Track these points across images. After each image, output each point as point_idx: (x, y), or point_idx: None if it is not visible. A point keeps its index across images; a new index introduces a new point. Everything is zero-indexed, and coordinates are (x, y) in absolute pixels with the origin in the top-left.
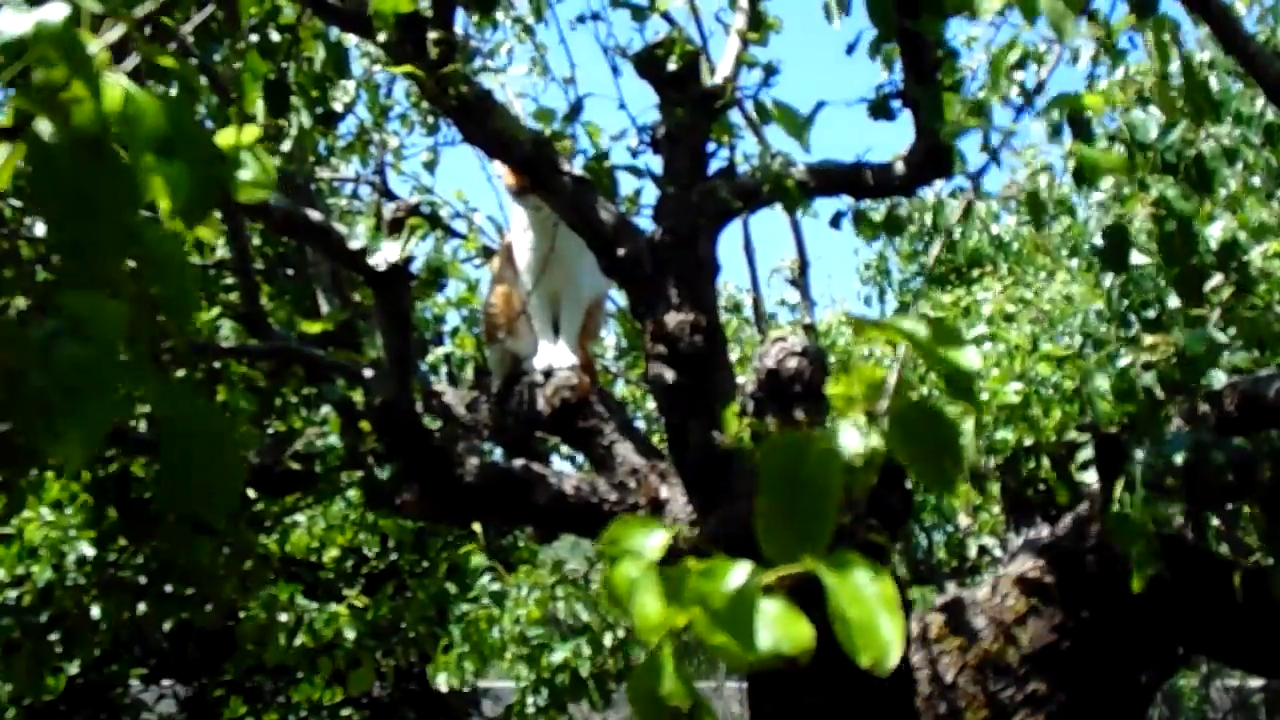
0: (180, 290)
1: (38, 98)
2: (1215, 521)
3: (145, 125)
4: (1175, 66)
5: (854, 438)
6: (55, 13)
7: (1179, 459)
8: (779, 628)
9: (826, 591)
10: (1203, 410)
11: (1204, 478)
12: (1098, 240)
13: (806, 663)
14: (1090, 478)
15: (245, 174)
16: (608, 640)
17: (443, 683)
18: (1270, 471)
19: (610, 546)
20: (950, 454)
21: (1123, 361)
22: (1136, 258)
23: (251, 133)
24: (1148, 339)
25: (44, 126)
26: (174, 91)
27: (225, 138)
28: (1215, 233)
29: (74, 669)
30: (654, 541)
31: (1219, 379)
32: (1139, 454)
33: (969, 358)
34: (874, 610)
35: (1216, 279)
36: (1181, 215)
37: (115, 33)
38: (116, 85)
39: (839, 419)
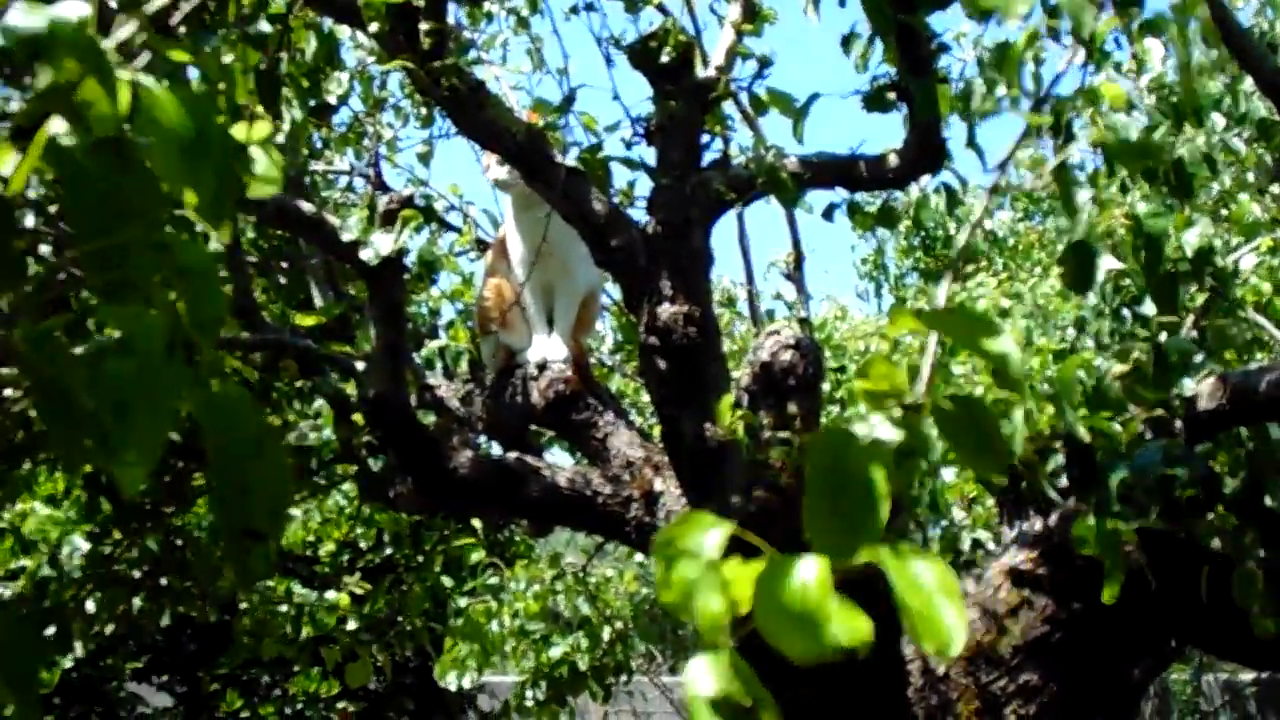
0: (210, 301)
1: (52, 98)
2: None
3: (167, 124)
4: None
5: (889, 431)
6: (72, 10)
7: (1150, 474)
8: (840, 622)
9: (888, 581)
10: (1168, 419)
11: (1171, 492)
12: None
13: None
14: (1061, 483)
15: (256, 169)
16: (606, 634)
17: (452, 682)
18: (1243, 478)
19: (666, 548)
20: (993, 444)
21: (1099, 362)
22: (1114, 264)
23: (263, 129)
24: (1123, 349)
25: (59, 126)
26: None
27: (238, 132)
28: (1191, 239)
29: (68, 663)
30: (712, 540)
31: (1189, 387)
32: (1113, 467)
33: (1009, 346)
34: (934, 598)
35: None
36: (1150, 234)
37: (127, 29)
38: (136, 84)
39: (872, 412)
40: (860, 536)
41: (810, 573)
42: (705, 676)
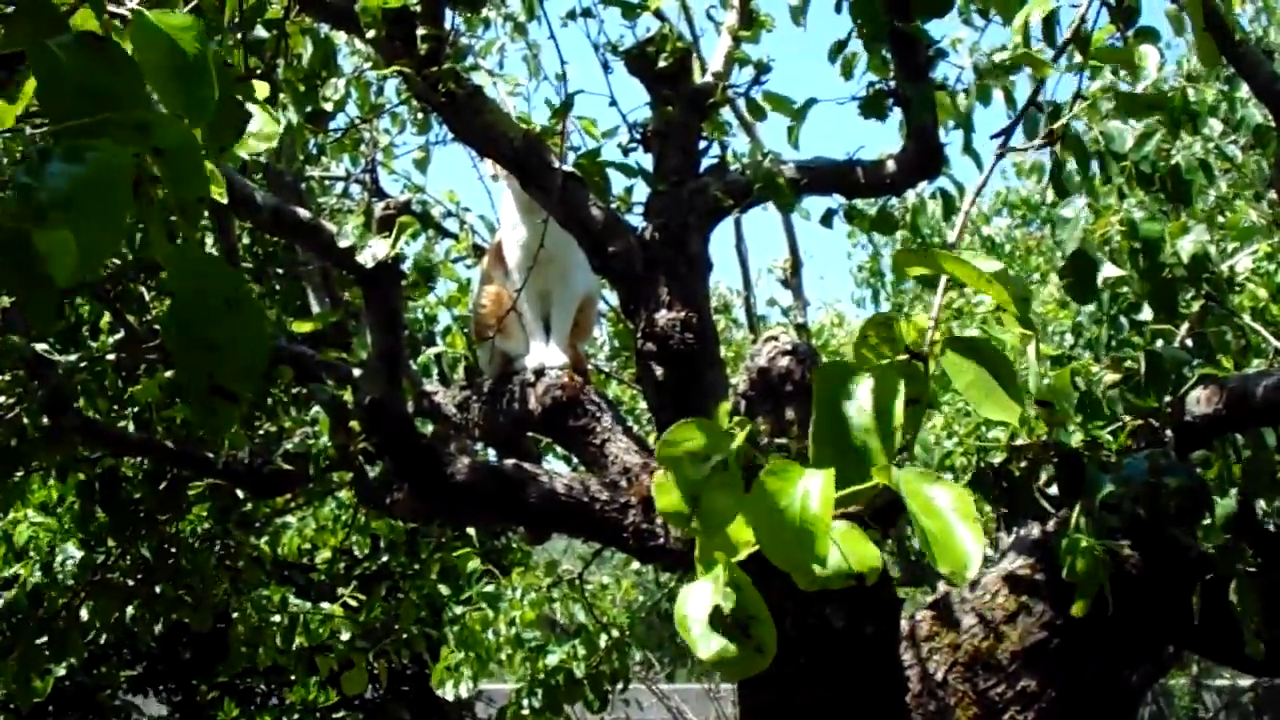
0: (193, 180)
1: (31, 11)
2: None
3: (163, 46)
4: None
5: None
6: None
7: (1136, 482)
8: (847, 546)
9: (903, 503)
10: (1159, 428)
11: (1158, 502)
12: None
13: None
14: (1052, 492)
15: (253, 125)
16: (603, 642)
17: (449, 692)
18: (1236, 494)
19: (669, 448)
20: (1007, 387)
21: (1097, 369)
22: (1113, 271)
23: (262, 88)
24: (1114, 357)
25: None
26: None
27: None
28: (1187, 245)
29: (61, 671)
30: (724, 440)
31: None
32: (1101, 477)
33: (1022, 285)
34: (950, 521)
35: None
36: (1146, 239)
37: None
38: (130, 9)
39: (881, 360)
40: (871, 459)
41: (815, 485)
42: (699, 598)
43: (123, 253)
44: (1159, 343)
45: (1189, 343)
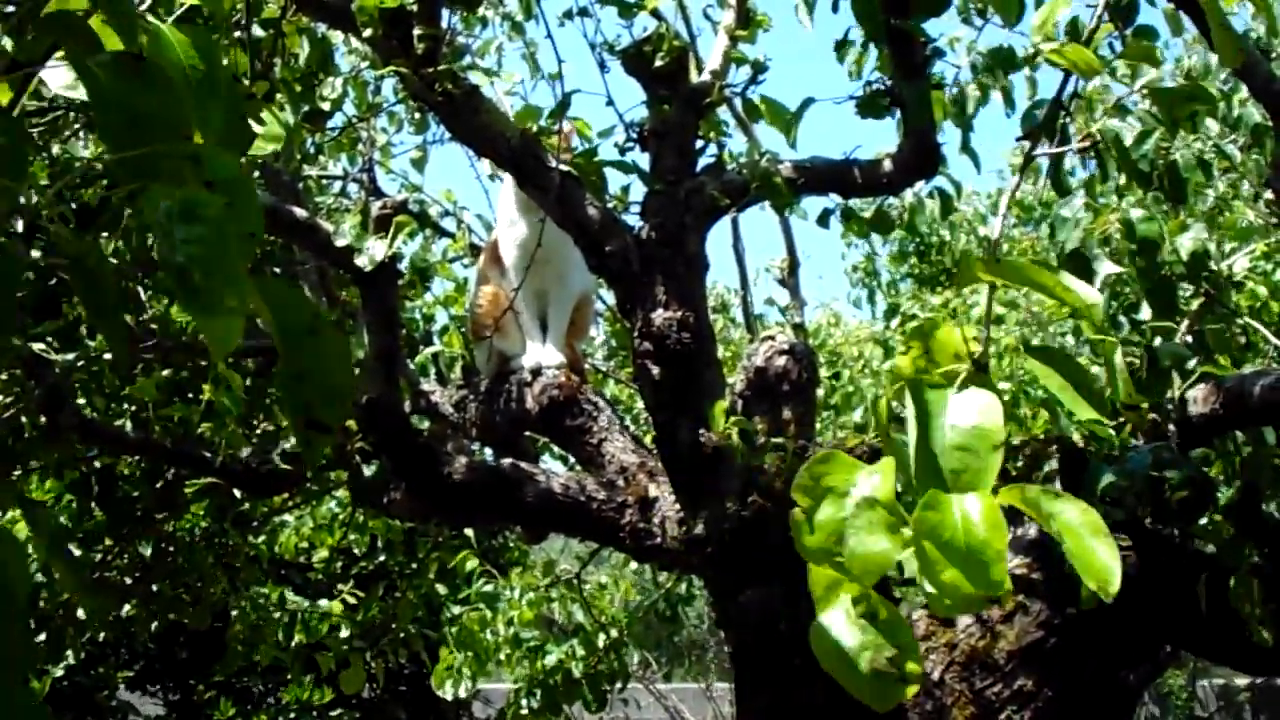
0: (248, 213)
1: (54, 24)
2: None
3: (177, 62)
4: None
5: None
6: None
7: (1139, 475)
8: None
9: (1045, 524)
10: (1161, 422)
11: (1162, 495)
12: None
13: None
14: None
15: (260, 127)
16: (601, 641)
17: (448, 692)
18: (1238, 485)
19: (810, 486)
20: (1087, 384)
21: (1096, 370)
22: (1111, 268)
23: (261, 88)
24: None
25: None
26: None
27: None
28: (1186, 243)
29: (59, 671)
30: (872, 480)
31: (1189, 393)
32: (1103, 470)
33: (1092, 294)
34: (1088, 539)
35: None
36: (1144, 238)
37: None
38: (145, 22)
39: (946, 374)
40: (976, 479)
41: (974, 506)
42: (843, 628)
43: (121, 253)
44: (1157, 340)
45: (1189, 340)
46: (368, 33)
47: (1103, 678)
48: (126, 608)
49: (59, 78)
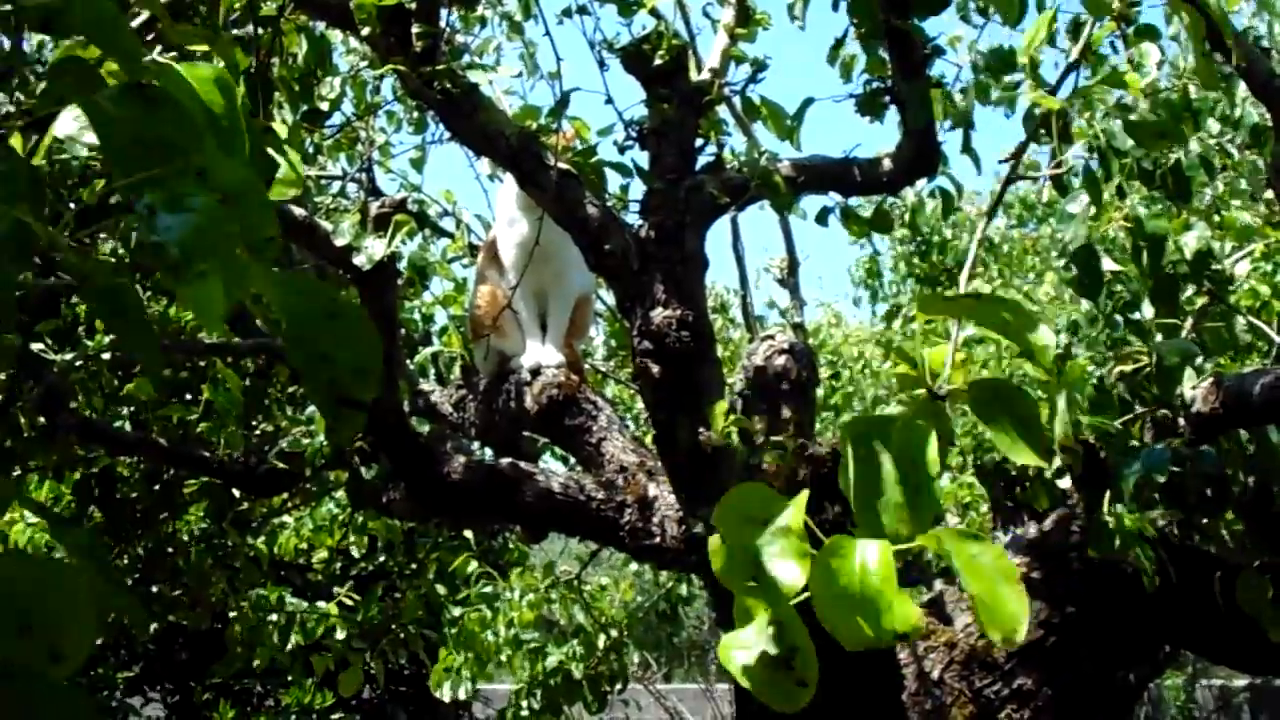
0: (260, 220)
1: (66, 74)
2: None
3: (198, 106)
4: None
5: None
6: None
7: (1161, 472)
8: (897, 608)
9: (951, 565)
10: (1171, 419)
11: (1183, 491)
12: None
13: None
14: (1064, 484)
15: (277, 172)
16: (601, 642)
17: (447, 693)
18: (1252, 481)
19: (727, 513)
20: (1032, 428)
21: (1093, 369)
22: (1110, 265)
23: (283, 131)
24: (1125, 350)
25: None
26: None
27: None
28: (1190, 242)
29: None
30: (788, 510)
31: (1188, 390)
32: (1127, 466)
33: (1046, 336)
34: (996, 583)
35: (1192, 288)
36: (1152, 235)
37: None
38: (162, 65)
39: (904, 398)
40: (915, 520)
41: (873, 556)
42: (742, 646)
43: (118, 253)
44: (1158, 337)
45: (1194, 337)
46: (366, 31)
47: (1102, 677)
48: None
49: (66, 125)
